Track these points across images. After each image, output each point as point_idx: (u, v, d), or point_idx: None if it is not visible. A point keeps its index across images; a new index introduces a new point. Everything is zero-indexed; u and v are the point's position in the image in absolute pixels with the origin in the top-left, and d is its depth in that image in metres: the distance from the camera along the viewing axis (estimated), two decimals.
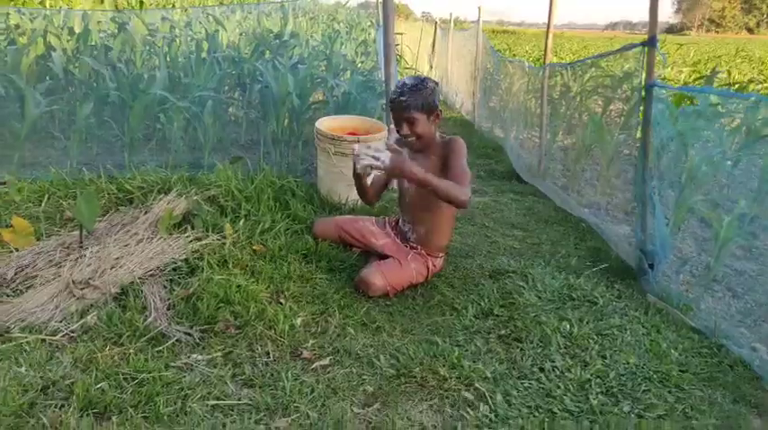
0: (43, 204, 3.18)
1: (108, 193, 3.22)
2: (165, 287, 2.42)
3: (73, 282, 2.31)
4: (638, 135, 2.97)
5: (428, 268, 2.77)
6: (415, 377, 2.04)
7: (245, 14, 8.51)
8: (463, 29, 9.26)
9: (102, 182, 3.40)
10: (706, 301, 2.90)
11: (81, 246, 2.61)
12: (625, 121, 4.35)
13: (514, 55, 12.81)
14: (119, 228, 2.82)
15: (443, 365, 2.11)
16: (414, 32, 12.63)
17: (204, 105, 4.33)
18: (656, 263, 2.85)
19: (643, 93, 2.84)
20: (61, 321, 2.16)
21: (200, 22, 6.37)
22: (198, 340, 2.14)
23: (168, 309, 2.28)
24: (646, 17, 2.79)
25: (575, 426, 1.83)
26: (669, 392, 2.04)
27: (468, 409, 1.90)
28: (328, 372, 2.05)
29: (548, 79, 4.71)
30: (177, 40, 5.54)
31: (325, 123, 3.66)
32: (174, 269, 2.53)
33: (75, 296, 2.27)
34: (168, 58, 5.14)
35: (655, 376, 2.12)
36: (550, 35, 4.70)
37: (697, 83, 8.71)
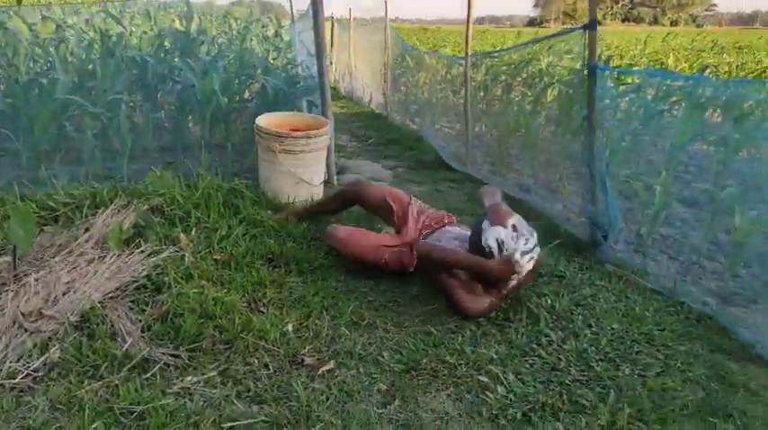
0: None
1: None
2: (131, 308, 2.17)
3: (21, 314, 2.01)
4: (584, 113, 3.11)
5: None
6: (424, 369, 2.01)
7: (132, 12, 7.96)
8: (365, 24, 9.26)
9: (13, 199, 2.99)
10: (649, 265, 3.12)
11: (16, 275, 2.28)
12: (543, 105, 4.59)
13: None
14: (55, 249, 2.50)
15: (448, 353, 2.09)
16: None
17: (117, 110, 3.95)
18: (609, 233, 3.02)
19: (586, 73, 2.99)
20: (18, 361, 1.87)
21: (87, 21, 5.81)
22: (187, 361, 1.95)
23: (143, 332, 2.06)
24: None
25: (592, 394, 1.89)
26: (658, 351, 2.18)
27: (487, 393, 1.90)
28: (336, 376, 1.95)
29: (470, 69, 4.83)
30: (70, 41, 5.01)
31: (265, 120, 3.49)
32: (137, 288, 2.28)
33: (27, 330, 1.97)
34: (59, 60, 4.62)
35: (640, 337, 2.26)
36: (470, 27, 4.81)
37: None
